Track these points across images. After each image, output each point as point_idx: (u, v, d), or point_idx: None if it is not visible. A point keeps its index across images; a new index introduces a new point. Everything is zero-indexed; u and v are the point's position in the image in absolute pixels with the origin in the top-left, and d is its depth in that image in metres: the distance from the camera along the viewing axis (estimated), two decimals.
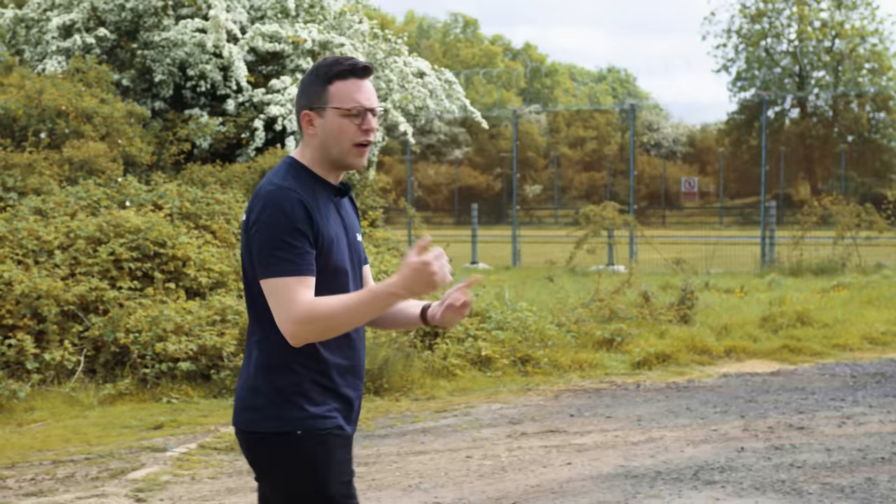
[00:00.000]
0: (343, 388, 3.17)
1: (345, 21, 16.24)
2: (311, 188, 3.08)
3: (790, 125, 68.86)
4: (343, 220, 3.18)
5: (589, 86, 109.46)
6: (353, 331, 3.15)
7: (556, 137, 77.71)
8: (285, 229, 2.97)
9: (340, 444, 3.17)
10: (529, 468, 7.31)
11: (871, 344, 11.97)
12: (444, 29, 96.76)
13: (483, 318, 10.95)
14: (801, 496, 6.57)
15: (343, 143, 3.08)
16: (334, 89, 3.07)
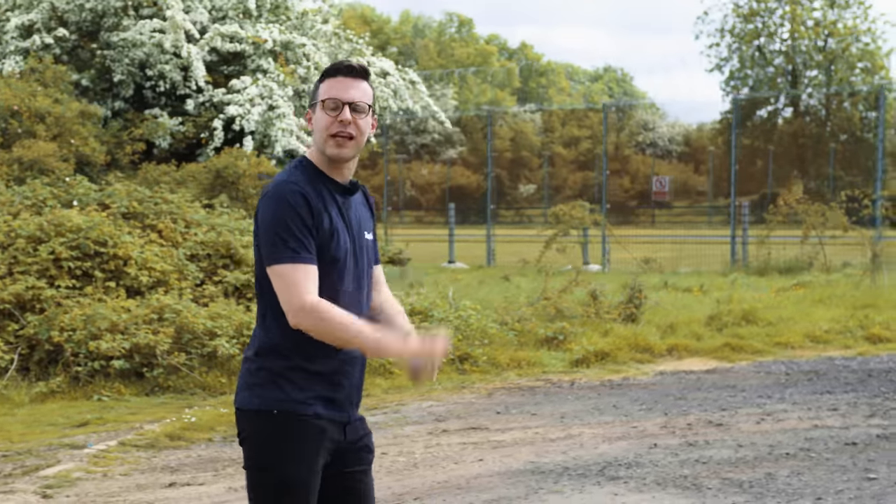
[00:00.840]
0: (331, 376, 3.30)
1: (307, 21, 16.31)
2: (316, 184, 3.25)
3: (783, 124, 68.92)
4: (347, 217, 3.32)
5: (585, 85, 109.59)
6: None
7: (550, 137, 77.75)
8: (288, 218, 3.15)
9: (314, 432, 3.28)
10: (441, 464, 7.40)
11: (813, 342, 12.06)
12: (439, 28, 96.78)
13: (425, 317, 11.03)
14: (699, 491, 6.66)
15: (322, 134, 3.26)
16: (324, 87, 3.28)
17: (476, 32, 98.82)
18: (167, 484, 6.90)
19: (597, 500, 6.54)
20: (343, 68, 3.29)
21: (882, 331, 12.27)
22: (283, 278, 3.15)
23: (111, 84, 15.16)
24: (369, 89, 3.34)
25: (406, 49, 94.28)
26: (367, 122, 3.32)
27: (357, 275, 3.33)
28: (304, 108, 15.95)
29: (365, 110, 3.30)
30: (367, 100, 3.30)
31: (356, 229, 3.35)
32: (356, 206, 3.40)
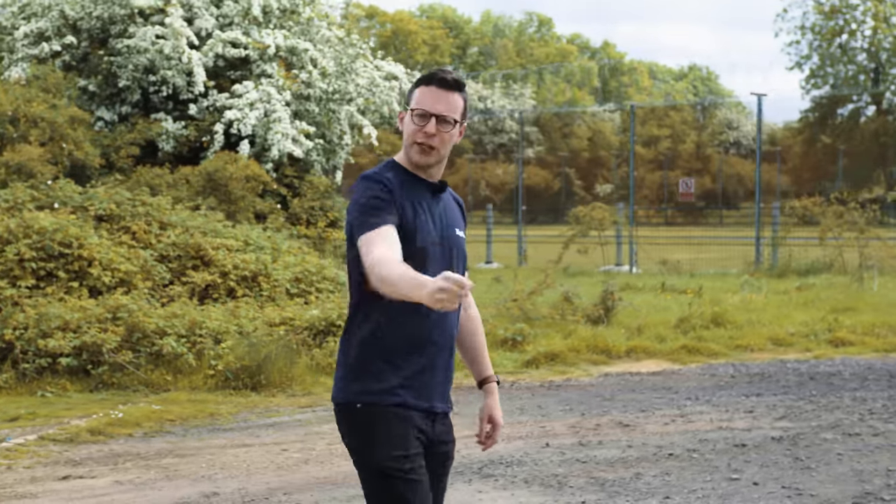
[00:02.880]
0: (410, 365, 3.42)
1: (313, 27, 16.70)
2: (404, 181, 3.42)
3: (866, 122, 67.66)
4: (436, 214, 3.47)
5: (669, 83, 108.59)
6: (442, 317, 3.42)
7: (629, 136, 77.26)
8: (367, 197, 3.33)
9: (399, 420, 3.40)
10: (331, 461, 7.67)
11: (775, 345, 12.07)
12: (518, 28, 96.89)
13: None
14: (559, 489, 6.84)
15: (409, 140, 3.42)
16: (416, 94, 3.42)
17: (556, 32, 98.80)
18: (61, 477, 7.26)
19: (459, 498, 6.74)
20: (437, 79, 3.40)
21: (847, 334, 12.22)
22: (362, 246, 3.28)
23: (118, 89, 15.69)
24: (460, 102, 3.42)
25: (486, 49, 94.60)
26: (453, 133, 3.43)
27: (443, 267, 3.38)
28: (307, 111, 16.34)
29: (451, 123, 3.41)
30: (454, 114, 3.40)
31: (444, 224, 3.48)
32: (446, 204, 3.55)
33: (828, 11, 66.74)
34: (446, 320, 3.49)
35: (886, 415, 8.76)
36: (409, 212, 3.37)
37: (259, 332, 10.51)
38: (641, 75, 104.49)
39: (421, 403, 3.46)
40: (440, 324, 3.46)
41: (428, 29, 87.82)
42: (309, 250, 13.10)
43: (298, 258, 12.50)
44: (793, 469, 7.15)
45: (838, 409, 9.03)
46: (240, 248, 12.24)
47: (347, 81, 16.46)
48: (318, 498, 6.79)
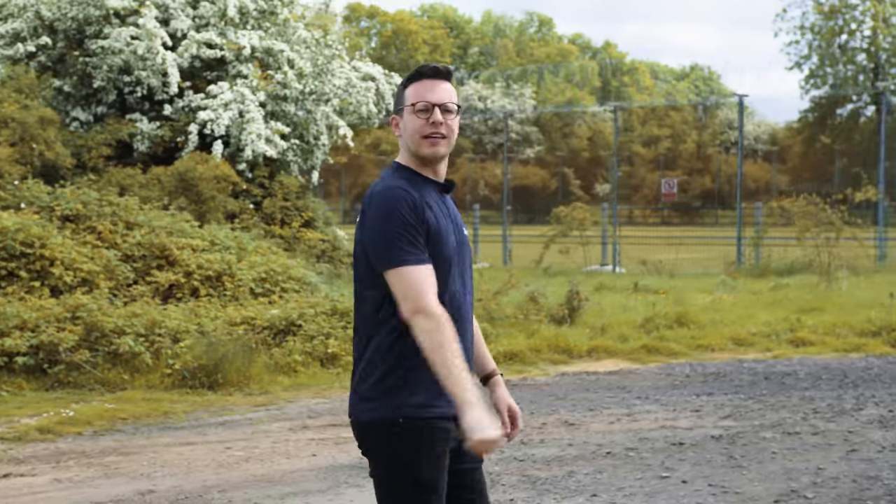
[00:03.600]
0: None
1: (289, 28, 16.77)
2: (419, 186, 3.36)
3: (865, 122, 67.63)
4: (448, 215, 3.43)
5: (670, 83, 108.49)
6: (460, 313, 3.38)
7: (629, 136, 77.43)
8: (399, 224, 3.23)
9: (441, 433, 3.34)
10: (271, 459, 7.74)
11: (736, 345, 12.12)
12: (519, 28, 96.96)
13: (342, 317, 11.37)
14: (491, 487, 6.87)
15: (415, 137, 3.36)
16: (410, 91, 3.39)
17: (556, 32, 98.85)
18: (2, 475, 7.33)
19: None
20: (428, 71, 3.40)
21: (809, 334, 12.26)
22: (403, 280, 3.20)
23: (94, 90, 15.78)
24: (453, 90, 3.44)
25: (486, 49, 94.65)
26: (456, 121, 3.43)
27: (462, 272, 3.43)
28: (283, 111, 16.40)
29: (453, 110, 3.41)
30: (454, 100, 3.41)
31: (456, 225, 3.46)
32: (452, 203, 3.53)
33: (827, 11, 66.69)
34: (469, 321, 3.51)
35: (830, 414, 8.81)
36: (432, 221, 3.33)
37: (218, 331, 10.58)
38: (643, 75, 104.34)
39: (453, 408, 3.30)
40: (467, 325, 3.48)
41: (429, 29, 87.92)
42: (278, 250, 13.17)
43: (265, 258, 12.56)
44: (724, 467, 7.21)
45: (784, 408, 9.08)
46: (205, 248, 12.31)
47: (324, 82, 16.52)
48: (251, 495, 6.85)
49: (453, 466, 3.46)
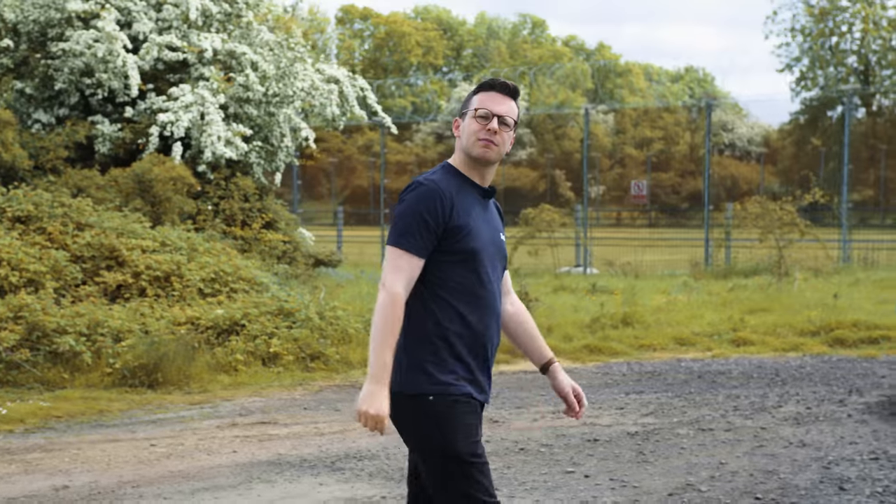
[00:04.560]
0: (467, 357, 3.68)
1: (253, 31, 16.91)
2: (458, 185, 3.70)
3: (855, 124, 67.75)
4: (486, 218, 3.77)
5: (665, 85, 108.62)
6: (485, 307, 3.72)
7: (622, 138, 77.57)
8: (418, 213, 3.61)
9: (469, 408, 3.67)
10: (192, 456, 7.87)
11: (678, 344, 12.26)
12: (512, 30, 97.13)
13: (286, 317, 11.51)
14: (400, 482, 7.04)
15: (471, 138, 3.71)
16: (477, 98, 3.76)
17: (550, 34, 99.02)
18: None
19: (298, 489, 6.96)
20: (498, 85, 3.75)
21: (750, 334, 12.40)
22: (391, 258, 3.61)
23: (56, 92, 15.92)
24: (516, 108, 3.76)
25: (480, 50, 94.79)
26: (509, 135, 3.76)
27: (492, 269, 3.74)
28: (246, 114, 16.53)
29: (510, 125, 3.74)
30: (513, 116, 3.74)
31: (492, 228, 3.79)
32: (492, 209, 3.86)
33: (817, 14, 66.90)
34: (496, 316, 3.79)
35: (749, 411, 8.95)
36: (465, 215, 3.66)
37: (162, 331, 10.72)
38: (636, 77, 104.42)
39: (480, 396, 3.74)
40: (494, 321, 3.77)
41: (422, 31, 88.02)
42: (231, 251, 13.30)
43: (216, 259, 12.70)
44: (631, 463, 7.35)
45: (707, 405, 9.23)
46: (156, 249, 12.45)
47: (287, 85, 16.65)
48: (163, 490, 6.98)
49: None
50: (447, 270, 3.66)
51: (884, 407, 8.98)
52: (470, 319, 3.68)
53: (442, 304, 3.67)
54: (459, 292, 3.67)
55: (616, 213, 58.24)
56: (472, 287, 3.67)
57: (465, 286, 3.66)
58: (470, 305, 3.68)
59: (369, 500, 6.70)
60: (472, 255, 3.66)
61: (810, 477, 6.89)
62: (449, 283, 3.66)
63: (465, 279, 3.66)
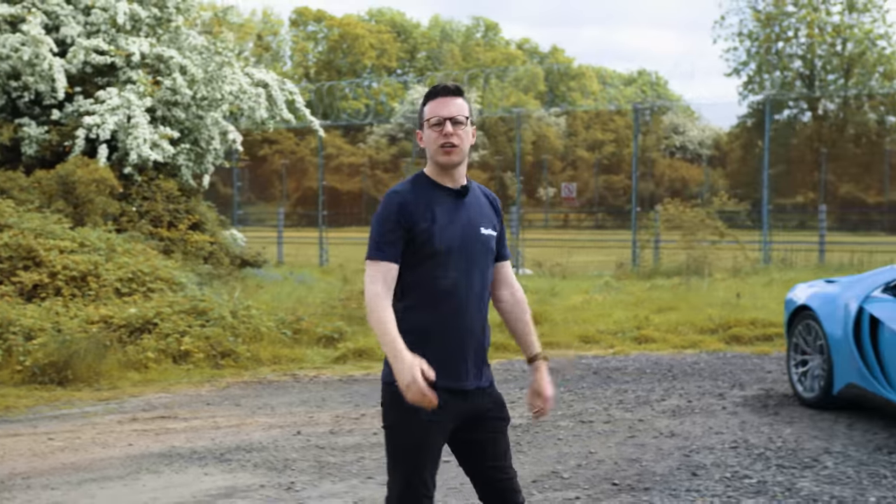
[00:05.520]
0: (436, 350, 3.93)
1: (181, 35, 17.14)
2: (426, 191, 3.99)
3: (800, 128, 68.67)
4: (457, 216, 4.00)
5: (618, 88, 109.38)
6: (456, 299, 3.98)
7: (574, 140, 78.00)
8: (380, 222, 3.95)
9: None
10: (86, 449, 8.12)
11: (583, 342, 12.63)
12: (466, 33, 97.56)
13: (200, 315, 11.77)
14: (281, 471, 7.34)
15: (433, 147, 3.97)
16: (427, 108, 4.01)
17: (503, 37, 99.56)
18: None
19: (183, 479, 7.23)
20: (440, 90, 4.01)
21: (653, 332, 12.79)
22: (368, 270, 3.94)
23: None
24: (465, 104, 3.99)
25: (434, 53, 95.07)
26: (467, 131, 4.01)
27: (466, 263, 3.99)
28: (175, 117, 16.77)
29: (463, 122, 3.98)
30: (464, 113, 3.98)
31: (467, 225, 4.01)
32: (473, 206, 4.07)
33: (764, 19, 67.74)
34: (473, 307, 4.05)
35: (633, 404, 9.32)
36: (427, 218, 3.93)
37: (74, 329, 10.95)
38: (589, 80, 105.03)
39: (448, 383, 3.96)
40: (468, 310, 4.02)
41: (376, 33, 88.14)
42: (150, 251, 13.54)
43: (134, 259, 12.93)
44: None
45: (594, 399, 9.59)
46: (74, 250, 12.67)
47: (215, 88, 16.91)
48: (52, 481, 7.23)
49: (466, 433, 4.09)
50: (418, 269, 3.95)
51: (759, 400, 9.38)
52: (440, 314, 3.96)
53: (413, 302, 3.97)
54: (429, 290, 3.95)
55: (564, 215, 58.74)
56: (442, 284, 3.94)
57: (434, 283, 3.94)
58: (441, 301, 3.95)
59: (248, 488, 6.98)
60: (438, 255, 3.93)
61: (670, 464, 7.26)
62: (419, 281, 3.95)
63: (434, 277, 3.94)
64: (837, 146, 63.10)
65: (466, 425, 4.08)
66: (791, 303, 9.47)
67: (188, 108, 16.86)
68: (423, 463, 4.00)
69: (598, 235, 39.85)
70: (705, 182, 61.64)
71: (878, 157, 57.94)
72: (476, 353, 4.09)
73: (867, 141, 63.82)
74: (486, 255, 4.09)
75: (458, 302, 3.99)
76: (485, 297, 4.12)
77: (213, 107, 16.97)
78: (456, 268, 3.98)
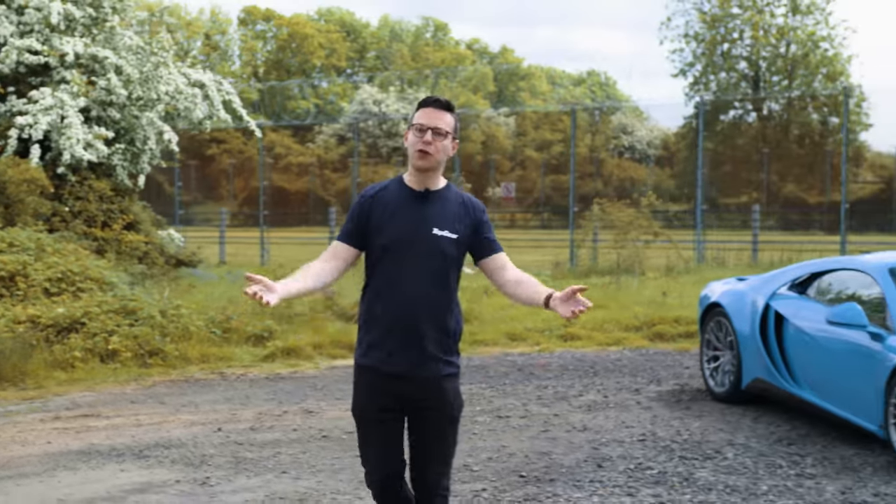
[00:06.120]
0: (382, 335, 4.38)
1: (116, 35, 17.13)
2: (394, 191, 4.44)
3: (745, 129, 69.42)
4: (415, 215, 4.38)
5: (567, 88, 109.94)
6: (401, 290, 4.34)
7: (523, 140, 78.28)
8: (349, 212, 4.50)
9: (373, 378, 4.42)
10: (6, 446, 8.16)
11: (510, 339, 12.83)
12: (416, 33, 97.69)
13: (128, 315, 11.83)
14: (198, 467, 7.44)
15: (411, 149, 4.38)
16: (417, 115, 4.40)
17: (453, 37, 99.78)
18: None
19: (99, 476, 7.32)
20: (432, 101, 4.41)
21: (579, 330, 13.01)
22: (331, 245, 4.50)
23: None
24: (451, 119, 4.41)
25: (383, 53, 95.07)
26: (447, 144, 4.41)
27: (413, 259, 4.35)
28: (110, 117, 16.78)
29: (444, 133, 4.39)
30: (446, 127, 4.39)
31: (420, 224, 4.37)
32: (434, 208, 4.41)
33: (709, 21, 68.40)
34: (420, 301, 4.36)
35: (551, 400, 9.52)
36: (383, 214, 4.39)
37: (0, 329, 10.97)
38: (539, 80, 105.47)
39: (393, 367, 4.38)
40: (414, 303, 4.35)
41: (325, 33, 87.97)
42: (81, 251, 13.56)
43: (64, 259, 12.95)
44: None
45: (514, 395, 9.77)
46: (3, 250, 12.67)
47: (151, 88, 16.93)
48: None
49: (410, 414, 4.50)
50: (374, 263, 4.41)
51: (673, 395, 9.61)
52: (387, 303, 4.35)
53: (368, 293, 4.44)
54: (381, 282, 4.38)
55: (510, 215, 59.05)
56: (392, 277, 4.34)
57: (385, 276, 4.36)
58: (387, 291, 4.36)
59: (163, 483, 7.09)
60: (387, 249, 4.35)
61: (578, 457, 7.45)
62: (374, 274, 4.41)
63: (385, 270, 4.37)
64: (781, 147, 63.88)
65: (413, 410, 4.46)
66: (704, 300, 9.72)
67: (123, 108, 16.86)
68: (379, 440, 4.47)
69: (542, 235, 40.18)
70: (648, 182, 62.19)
71: (820, 157, 58.73)
72: (425, 345, 4.38)
73: (810, 142, 64.66)
74: (438, 256, 4.39)
75: (403, 293, 4.34)
76: (440, 296, 4.40)
77: (149, 107, 16.98)
78: (403, 262, 4.35)
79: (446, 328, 4.43)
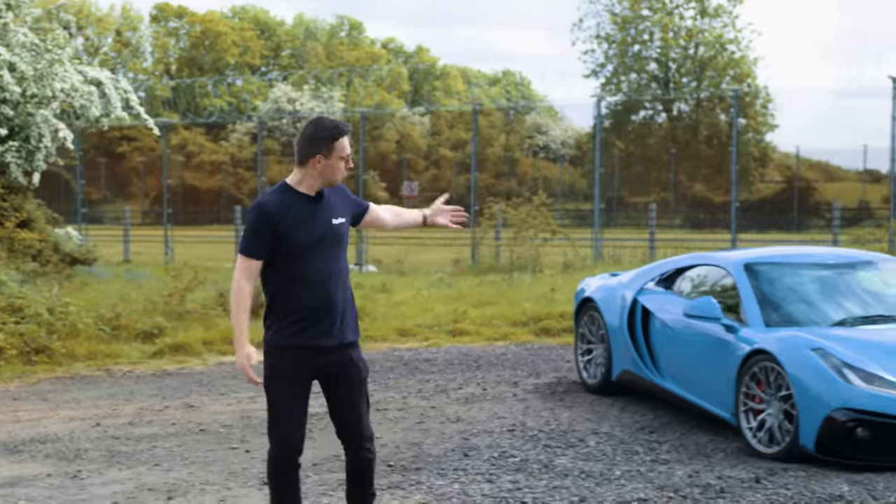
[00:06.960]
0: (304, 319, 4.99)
1: (10, 32, 16.97)
2: (288, 200, 5.01)
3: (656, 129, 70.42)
4: (313, 216, 5.02)
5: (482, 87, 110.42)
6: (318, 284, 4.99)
7: (437, 139, 78.51)
8: (250, 225, 5.03)
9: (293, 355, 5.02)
10: None
11: (399, 335, 13.03)
12: (330, 32, 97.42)
13: (15, 312, 11.79)
14: (72, 460, 7.52)
15: (336, 174, 5.04)
16: (337, 144, 5.02)
17: (368, 36, 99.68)
18: None
19: None
20: (348, 130, 5.05)
21: (468, 325, 13.25)
22: (238, 263, 5.06)
23: None
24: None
25: (297, 51, 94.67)
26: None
27: (322, 254, 5.02)
28: (3, 114, 16.62)
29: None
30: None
31: (321, 222, 5.03)
32: (326, 205, 5.08)
33: (620, 22, 69.26)
34: (332, 285, 5.03)
35: (431, 393, 9.73)
36: (287, 222, 4.97)
37: None
38: (454, 80, 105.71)
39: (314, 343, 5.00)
40: (328, 288, 5.02)
41: (239, 30, 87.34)
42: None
43: None
44: None
45: (395, 389, 9.97)
46: None
47: (45, 86, 16.80)
48: None
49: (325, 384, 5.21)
50: (284, 262, 4.99)
51: (549, 387, 9.88)
52: (303, 295, 4.98)
53: (287, 284, 5.00)
54: (293, 278, 4.98)
55: None
56: (302, 273, 4.97)
57: (296, 273, 4.98)
58: (302, 285, 4.98)
59: (34, 477, 7.16)
60: (296, 252, 4.97)
61: (447, 447, 7.66)
62: (285, 271, 5.00)
63: (295, 268, 4.98)
64: (691, 147, 64.92)
65: (329, 376, 5.13)
66: (579, 295, 10.00)
67: (17, 105, 16.72)
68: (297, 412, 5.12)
69: (450, 233, 40.36)
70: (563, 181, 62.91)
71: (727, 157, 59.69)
72: (338, 318, 5.06)
73: (718, 142, 65.81)
74: (339, 242, 5.13)
75: (319, 283, 4.99)
76: (342, 275, 5.14)
77: (44, 104, 16.86)
78: (314, 256, 5.01)
79: (352, 301, 5.19)
